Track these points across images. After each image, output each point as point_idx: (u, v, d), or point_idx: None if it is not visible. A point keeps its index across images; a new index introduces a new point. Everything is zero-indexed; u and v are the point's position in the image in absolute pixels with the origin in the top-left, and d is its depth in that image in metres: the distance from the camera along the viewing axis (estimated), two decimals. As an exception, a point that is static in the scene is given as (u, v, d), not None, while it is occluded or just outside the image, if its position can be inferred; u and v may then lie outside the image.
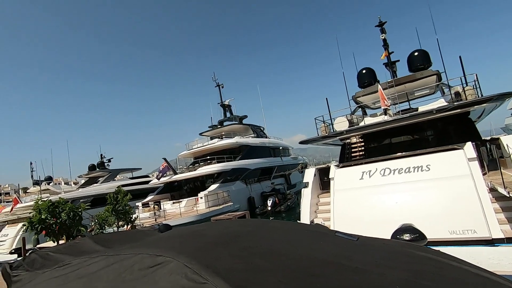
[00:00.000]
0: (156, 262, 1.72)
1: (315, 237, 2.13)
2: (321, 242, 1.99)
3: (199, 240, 2.04)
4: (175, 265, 1.62)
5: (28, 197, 29.59)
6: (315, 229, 2.35)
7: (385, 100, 9.84)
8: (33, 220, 4.92)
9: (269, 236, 2.09)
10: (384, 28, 15.95)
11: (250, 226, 2.29)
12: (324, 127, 11.67)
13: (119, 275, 1.87)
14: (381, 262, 1.70)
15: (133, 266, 1.83)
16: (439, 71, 13.04)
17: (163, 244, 2.13)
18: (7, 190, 71.95)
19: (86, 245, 3.20)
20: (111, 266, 1.99)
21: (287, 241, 1.96)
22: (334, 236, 2.21)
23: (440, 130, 11.29)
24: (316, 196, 9.83)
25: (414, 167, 7.44)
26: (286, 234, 2.17)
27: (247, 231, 2.12)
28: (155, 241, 2.51)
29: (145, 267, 1.76)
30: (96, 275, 2.01)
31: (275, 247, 1.83)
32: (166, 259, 1.70)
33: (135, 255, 1.92)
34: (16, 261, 2.85)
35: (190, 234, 2.39)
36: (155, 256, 1.79)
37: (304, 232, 2.22)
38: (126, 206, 7.58)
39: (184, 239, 2.18)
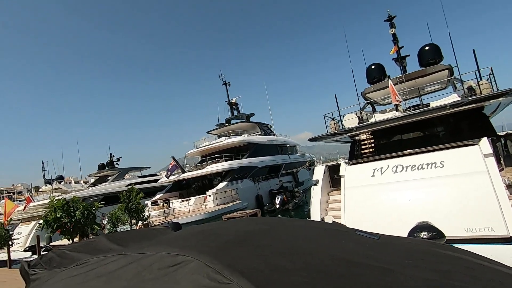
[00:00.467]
0: (176, 262, 1.70)
1: (335, 235, 2.08)
2: (343, 241, 1.94)
3: (217, 239, 2.01)
4: (196, 265, 1.59)
5: (41, 196, 30.21)
6: (334, 227, 2.29)
7: (396, 96, 9.66)
8: (48, 219, 4.98)
9: (288, 234, 2.04)
10: (393, 23, 15.68)
11: (267, 225, 2.25)
12: (333, 124, 11.53)
13: (138, 274, 1.85)
14: (408, 262, 1.64)
15: (152, 265, 1.81)
16: (451, 66, 12.75)
17: (181, 243, 2.11)
18: (19, 189, 73.67)
19: (102, 243, 3.21)
20: (129, 265, 1.98)
21: (307, 240, 1.92)
22: (354, 235, 2.15)
23: (452, 126, 11.05)
24: (326, 194, 9.71)
25: (427, 164, 7.26)
26: (305, 232, 2.12)
27: (266, 230, 2.08)
28: (171, 240, 2.49)
29: (165, 267, 1.73)
30: (115, 274, 2.00)
31: (296, 246, 1.78)
32: (186, 258, 1.68)
33: (153, 254, 1.89)
34: (34, 260, 2.87)
35: (207, 233, 2.36)
36: (174, 255, 1.76)
37: (324, 230, 2.17)
38: (138, 204, 7.66)
39: (202, 238, 2.16)
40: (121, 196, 7.59)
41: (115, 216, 7.44)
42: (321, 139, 11.64)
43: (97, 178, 32.40)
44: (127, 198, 7.42)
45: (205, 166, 22.78)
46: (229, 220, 2.95)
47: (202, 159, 26.60)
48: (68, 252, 3.08)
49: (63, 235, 5.34)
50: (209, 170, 21.89)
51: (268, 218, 2.59)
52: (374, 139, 12.34)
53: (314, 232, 2.14)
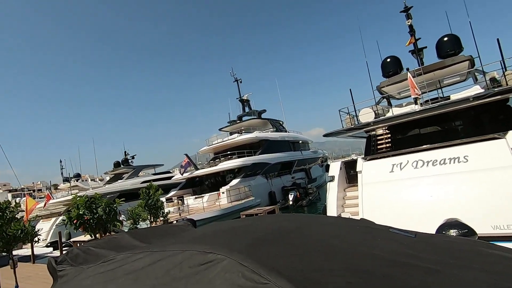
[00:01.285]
0: (207, 260, 1.64)
1: (369, 233, 1.98)
2: (378, 239, 1.84)
3: (247, 236, 1.95)
4: (229, 263, 1.53)
5: (59, 193, 31.12)
6: (365, 224, 2.20)
7: (415, 89, 9.34)
8: (71, 215, 5.09)
9: (320, 232, 1.96)
10: (410, 14, 15.18)
11: (297, 222, 2.18)
12: (349, 119, 11.30)
13: (167, 272, 1.81)
14: (454, 262, 1.53)
15: (182, 263, 1.77)
16: (472, 56, 12.23)
17: (209, 240, 2.06)
18: (39, 187, 76.35)
19: (124, 240, 3.21)
20: (157, 262, 1.94)
21: (341, 238, 1.83)
22: (388, 232, 2.05)
23: (473, 119, 10.62)
24: (342, 190, 9.56)
25: (450, 159, 7.01)
26: (337, 229, 2.04)
27: (296, 227, 2.01)
28: (198, 238, 2.45)
29: (195, 265, 1.68)
30: (144, 272, 1.97)
31: (331, 244, 1.70)
32: (218, 256, 1.62)
33: (182, 252, 1.85)
34: (60, 256, 2.90)
35: (235, 230, 2.30)
36: (204, 253, 1.71)
37: (356, 228, 2.08)
38: (157, 201, 7.75)
39: (230, 235, 2.10)
40: (140, 193, 7.69)
41: (135, 212, 7.54)
42: (336, 135, 11.44)
43: (113, 175, 33.11)
44: (147, 194, 7.50)
45: (218, 163, 22.88)
46: (254, 217, 2.90)
47: (215, 156, 26.72)
48: (92, 248, 3.09)
49: (86, 231, 5.45)
50: (222, 167, 21.97)
51: (295, 215, 2.51)
52: (391, 134, 12.03)
53: (347, 229, 2.05)
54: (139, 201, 7.69)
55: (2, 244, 3.90)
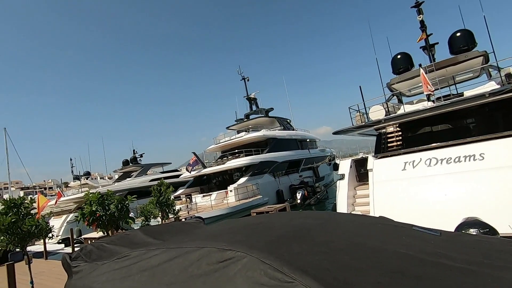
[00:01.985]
0: (226, 257, 1.59)
1: (393, 231, 1.90)
2: (403, 237, 1.76)
3: (265, 234, 1.89)
4: (250, 261, 1.48)
5: (70, 191, 31.64)
6: (385, 222, 2.12)
7: (428, 85, 9.13)
8: (84, 212, 5.13)
9: (342, 229, 1.89)
10: (421, 9, 14.84)
11: (315, 219, 2.11)
12: (359, 116, 11.13)
13: (184, 269, 1.76)
14: (488, 262, 1.45)
15: (200, 260, 1.72)
16: (486, 52, 11.89)
17: (227, 237, 2.01)
18: (50, 185, 77.86)
19: (138, 237, 3.19)
20: (174, 259, 1.90)
21: (364, 235, 1.76)
22: (411, 230, 1.97)
23: (487, 116, 10.34)
24: (352, 188, 9.43)
25: (465, 156, 6.83)
26: (359, 227, 1.96)
27: (316, 224, 1.94)
28: (214, 234, 2.40)
29: (214, 262, 1.63)
30: (160, 269, 1.93)
31: (356, 242, 1.63)
32: (237, 253, 1.56)
33: (200, 249, 1.80)
34: (75, 252, 2.89)
35: (250, 227, 2.25)
36: (223, 250, 1.66)
37: (377, 225, 2.00)
38: (169, 198, 7.79)
39: (249, 232, 2.05)
40: (152, 190, 7.74)
41: (146, 209, 7.59)
42: (346, 132, 11.30)
43: (122, 174, 33.48)
44: (158, 192, 7.54)
45: (226, 162, 22.89)
46: (269, 214, 2.84)
47: (222, 154, 26.75)
48: (106, 245, 3.08)
49: (99, 228, 5.48)
50: (230, 165, 21.96)
51: (311, 212, 2.44)
52: (402, 132, 11.81)
53: (368, 227, 1.98)
54: (150, 198, 7.74)
55: (17, 240, 3.94)
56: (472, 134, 8.90)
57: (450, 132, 10.71)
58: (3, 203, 4.09)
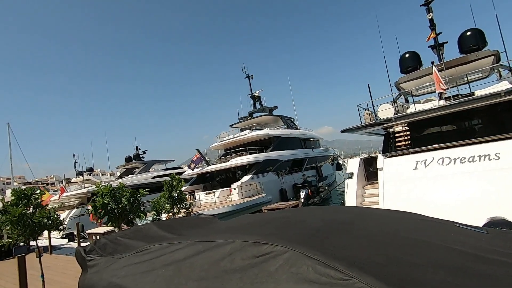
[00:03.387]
0: (263, 251, 1.47)
1: (436, 227, 1.78)
2: (452, 234, 1.64)
3: (298, 227, 1.77)
4: (293, 256, 1.35)
5: (72, 186, 31.65)
6: (423, 217, 1.99)
7: (440, 83, 8.97)
8: (96, 204, 5.02)
9: (382, 223, 1.77)
10: (430, 7, 14.65)
11: (348, 213, 1.99)
12: (368, 114, 10.98)
13: (215, 263, 1.64)
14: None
15: (233, 255, 1.60)
16: (498, 51, 11.71)
17: (254, 231, 1.89)
18: (52, 180, 78.18)
19: (152, 230, 3.08)
20: (202, 253, 1.78)
21: (409, 230, 1.63)
22: (455, 227, 1.84)
23: (498, 116, 10.17)
24: (361, 187, 9.29)
25: (479, 156, 6.68)
26: (398, 222, 1.84)
27: (351, 218, 1.82)
28: (237, 228, 2.28)
29: (249, 257, 1.51)
30: (187, 263, 1.81)
31: (402, 236, 1.51)
32: (276, 248, 1.44)
33: (230, 243, 1.68)
34: (88, 245, 2.78)
35: (277, 221, 2.13)
36: (258, 244, 1.54)
37: (418, 221, 1.88)
38: (181, 193, 7.71)
39: (280, 225, 1.93)
40: (164, 184, 7.65)
41: (158, 204, 7.50)
42: (354, 131, 11.16)
43: (124, 170, 33.47)
44: (170, 186, 7.44)
45: (229, 159, 22.79)
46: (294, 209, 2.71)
47: (225, 152, 26.66)
48: (120, 238, 2.97)
49: (110, 221, 5.38)
50: (234, 163, 21.86)
51: (342, 207, 2.31)
52: (410, 131, 11.66)
53: (408, 221, 1.85)
54: (162, 193, 7.66)
55: (28, 232, 3.84)
56: (483, 134, 8.75)
57: (460, 132, 10.55)
58: (13, 193, 4.00)
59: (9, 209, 3.62)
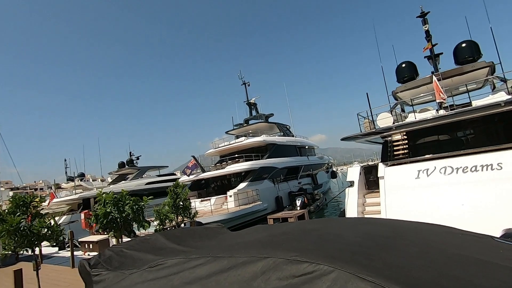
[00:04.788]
0: (304, 271, 1.33)
1: (479, 242, 1.67)
2: (501, 250, 1.53)
3: (336, 242, 1.64)
4: (340, 276, 1.22)
5: (62, 192, 30.85)
6: (459, 231, 1.89)
7: (441, 93, 9.05)
8: (98, 213, 4.76)
9: (425, 238, 1.64)
10: (426, 19, 14.95)
11: (383, 226, 1.87)
12: (367, 123, 11.00)
13: (246, 284, 1.49)
14: None
15: (266, 274, 1.45)
16: (493, 63, 11.95)
17: (282, 245, 1.75)
18: (41, 185, 76.20)
19: (159, 242, 2.90)
20: (228, 271, 1.63)
21: (456, 247, 1.52)
22: (493, 241, 1.74)
23: (496, 126, 10.31)
24: (362, 196, 9.22)
25: (482, 166, 6.68)
26: (440, 236, 1.72)
27: (389, 231, 1.70)
28: (257, 242, 2.13)
29: (287, 276, 1.37)
30: (212, 281, 1.65)
31: (454, 254, 1.39)
32: (319, 266, 1.30)
33: (262, 259, 1.54)
34: (93, 258, 2.59)
35: (305, 234, 1.99)
36: (296, 262, 1.39)
37: (459, 235, 1.77)
38: (186, 200, 7.43)
39: (307, 239, 1.79)
40: (168, 191, 7.37)
41: (163, 213, 7.20)
42: (354, 139, 11.15)
43: (117, 176, 32.83)
44: (175, 193, 7.17)
45: (225, 166, 22.56)
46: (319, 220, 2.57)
47: (221, 159, 26.42)
48: (126, 250, 2.78)
49: (112, 230, 5.11)
50: (230, 170, 21.64)
51: (370, 219, 2.18)
52: (408, 140, 11.72)
53: (447, 236, 1.74)
54: (166, 200, 7.37)
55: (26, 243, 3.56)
56: (480, 144, 8.82)
57: (457, 142, 10.64)
58: (11, 201, 3.74)
59: (6, 218, 3.35)
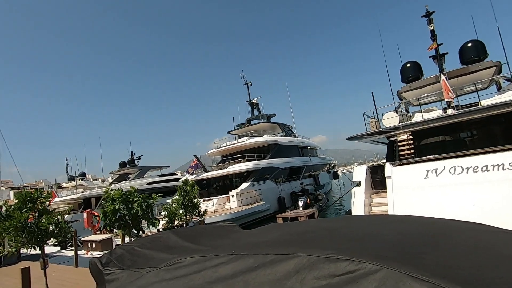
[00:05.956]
0: (345, 269, 1.21)
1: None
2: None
3: (370, 239, 1.53)
4: (389, 275, 1.10)
5: (64, 192, 30.77)
6: (494, 229, 1.78)
7: (449, 92, 8.93)
8: (107, 210, 4.65)
9: (471, 237, 1.53)
10: (431, 18, 14.85)
11: (421, 223, 1.76)
12: (373, 122, 10.88)
13: (279, 283, 1.38)
14: None
15: (301, 273, 1.34)
16: (500, 62, 11.84)
17: (312, 244, 1.64)
18: (41, 185, 76.19)
19: (172, 240, 2.81)
20: (256, 270, 1.52)
21: (507, 246, 1.41)
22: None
23: (504, 126, 10.19)
24: (368, 196, 9.10)
25: (493, 165, 6.57)
26: (482, 234, 1.62)
27: (428, 229, 1.60)
28: (278, 240, 2.02)
29: (326, 275, 1.26)
30: (239, 281, 1.54)
31: (506, 255, 1.28)
32: (362, 265, 1.19)
33: (294, 257, 1.43)
34: (104, 257, 2.49)
35: (332, 232, 1.88)
36: (334, 259, 1.28)
37: (498, 233, 1.66)
38: (195, 198, 7.32)
39: (335, 236, 1.68)
40: (178, 189, 7.27)
41: (172, 211, 7.10)
42: (359, 139, 11.03)
43: (118, 176, 32.74)
44: (184, 191, 7.06)
45: (227, 166, 22.46)
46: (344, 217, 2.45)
47: (223, 159, 26.32)
48: (138, 248, 2.68)
49: (121, 229, 5.01)
50: (233, 169, 21.53)
51: (398, 216, 2.07)
52: (414, 140, 11.60)
53: (489, 235, 1.63)
54: (176, 198, 7.27)
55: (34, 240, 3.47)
56: (488, 144, 8.71)
57: (464, 142, 10.52)
58: (18, 196, 3.64)
59: (13, 214, 3.26)
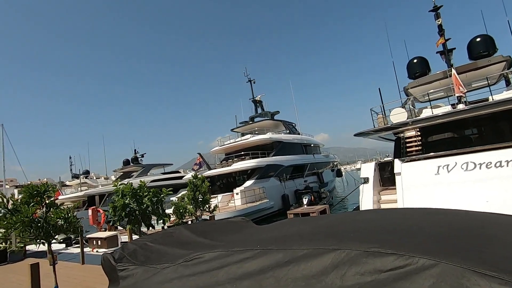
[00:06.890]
0: (393, 265, 1.09)
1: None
2: None
3: (412, 233, 1.42)
4: (447, 270, 0.98)
5: (68, 189, 30.89)
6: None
7: (460, 87, 8.75)
8: (116, 205, 4.56)
9: (508, 229, 1.42)
10: (439, 13, 14.59)
11: (455, 215, 1.65)
12: (381, 118, 10.71)
13: (316, 279, 1.26)
14: None
15: (341, 268, 1.22)
16: (510, 57, 11.60)
17: (341, 236, 1.52)
18: (45, 183, 76.63)
19: (184, 235, 2.71)
20: (288, 265, 1.41)
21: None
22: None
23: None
24: (377, 193, 8.95)
25: (506, 161, 6.40)
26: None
27: (471, 222, 1.48)
28: (301, 234, 1.90)
29: (370, 271, 1.14)
30: (269, 277, 1.43)
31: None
32: (413, 259, 1.07)
33: (330, 251, 1.31)
34: (117, 252, 2.40)
35: (363, 225, 1.77)
36: (378, 253, 1.16)
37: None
38: (205, 193, 7.24)
39: (369, 229, 1.57)
40: (188, 183, 7.19)
41: (182, 206, 7.02)
42: (367, 135, 10.88)
43: (121, 173, 32.77)
44: (194, 186, 6.98)
45: (231, 164, 22.37)
46: (374, 210, 2.33)
47: (226, 156, 26.23)
48: (150, 244, 2.60)
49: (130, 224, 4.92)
50: (237, 167, 21.44)
51: (434, 209, 1.94)
52: (422, 137, 11.42)
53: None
54: (186, 193, 7.19)
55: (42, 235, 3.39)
56: (499, 139, 8.53)
57: (475, 137, 10.33)
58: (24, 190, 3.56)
59: (20, 208, 3.18)
